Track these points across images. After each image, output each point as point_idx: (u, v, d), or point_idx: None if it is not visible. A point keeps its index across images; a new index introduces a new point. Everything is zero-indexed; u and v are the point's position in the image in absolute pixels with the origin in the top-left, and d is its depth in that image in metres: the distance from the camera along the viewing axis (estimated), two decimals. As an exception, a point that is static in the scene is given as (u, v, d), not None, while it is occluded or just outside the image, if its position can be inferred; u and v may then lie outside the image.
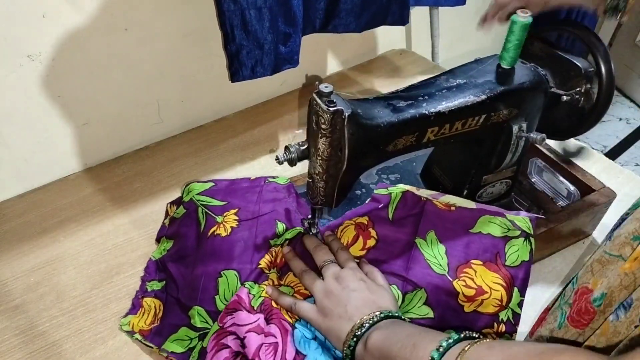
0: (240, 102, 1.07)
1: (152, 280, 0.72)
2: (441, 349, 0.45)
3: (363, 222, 0.66)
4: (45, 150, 0.88)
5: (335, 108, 0.51)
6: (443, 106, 0.59)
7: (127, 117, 0.94)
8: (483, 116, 0.62)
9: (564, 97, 0.66)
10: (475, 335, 0.47)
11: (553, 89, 0.66)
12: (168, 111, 0.98)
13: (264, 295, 0.62)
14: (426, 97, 0.60)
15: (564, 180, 0.77)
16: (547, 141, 0.71)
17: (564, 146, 0.90)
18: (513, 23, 0.60)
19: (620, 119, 2.18)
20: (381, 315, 0.54)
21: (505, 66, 0.63)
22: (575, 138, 0.73)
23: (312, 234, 0.66)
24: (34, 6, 0.74)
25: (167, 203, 0.81)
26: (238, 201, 0.73)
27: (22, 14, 0.74)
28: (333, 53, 1.16)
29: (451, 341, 0.45)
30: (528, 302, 0.69)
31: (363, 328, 0.53)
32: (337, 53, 1.17)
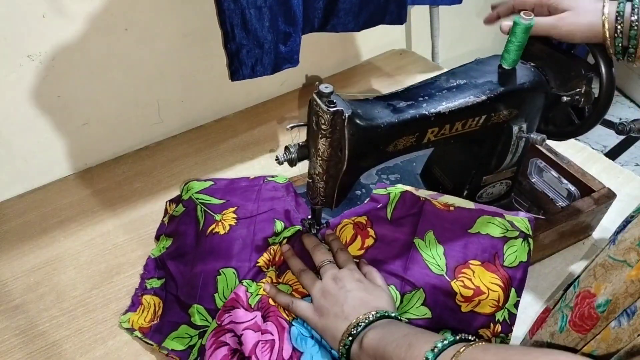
0: (240, 102, 1.07)
1: (152, 277, 0.72)
2: (436, 350, 0.45)
3: (362, 222, 0.66)
4: (45, 150, 0.88)
5: (335, 108, 0.51)
6: (443, 107, 0.59)
7: (127, 117, 0.94)
8: (483, 117, 0.62)
9: (564, 98, 0.66)
10: (470, 337, 0.47)
11: (553, 90, 0.66)
12: (168, 111, 0.98)
13: (262, 293, 0.62)
14: (426, 98, 0.60)
15: (564, 180, 0.77)
16: (547, 141, 0.71)
17: (564, 147, 0.90)
18: (516, 25, 0.59)
19: (620, 119, 2.18)
20: (377, 315, 0.54)
21: (506, 67, 0.63)
22: (575, 138, 0.73)
23: (312, 234, 0.66)
24: (34, 6, 0.74)
25: (167, 201, 0.82)
26: (237, 199, 0.73)
27: (22, 14, 0.74)
28: (333, 53, 1.16)
29: (446, 342, 0.46)
30: (528, 302, 0.69)
31: (359, 327, 0.53)
32: (337, 53, 1.17)
